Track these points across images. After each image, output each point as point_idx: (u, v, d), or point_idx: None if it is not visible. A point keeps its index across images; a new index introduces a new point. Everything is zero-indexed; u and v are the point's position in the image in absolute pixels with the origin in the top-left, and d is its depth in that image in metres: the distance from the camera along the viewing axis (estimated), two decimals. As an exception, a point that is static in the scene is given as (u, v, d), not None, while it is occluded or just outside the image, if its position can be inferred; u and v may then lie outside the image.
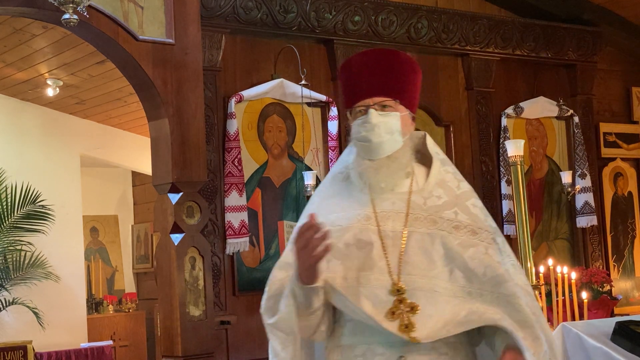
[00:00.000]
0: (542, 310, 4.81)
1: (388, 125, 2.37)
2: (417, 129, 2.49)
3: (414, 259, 2.31)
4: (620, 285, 7.61)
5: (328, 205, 2.42)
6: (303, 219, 2.32)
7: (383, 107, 2.37)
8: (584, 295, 5.13)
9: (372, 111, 2.36)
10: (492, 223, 2.42)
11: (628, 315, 5.81)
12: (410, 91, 2.44)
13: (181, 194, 5.35)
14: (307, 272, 2.22)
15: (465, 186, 2.44)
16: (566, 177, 7.11)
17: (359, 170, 2.41)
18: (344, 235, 2.33)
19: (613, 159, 7.83)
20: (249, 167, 5.96)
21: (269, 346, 2.38)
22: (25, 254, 8.26)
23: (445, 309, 2.26)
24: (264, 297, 2.40)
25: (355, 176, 2.45)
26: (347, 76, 2.45)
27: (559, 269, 5.29)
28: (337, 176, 2.50)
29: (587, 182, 7.32)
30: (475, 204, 2.41)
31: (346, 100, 2.46)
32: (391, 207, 2.37)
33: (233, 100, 5.83)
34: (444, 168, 2.45)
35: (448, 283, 2.30)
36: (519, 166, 4.68)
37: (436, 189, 2.40)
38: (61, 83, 7.96)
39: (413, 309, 2.26)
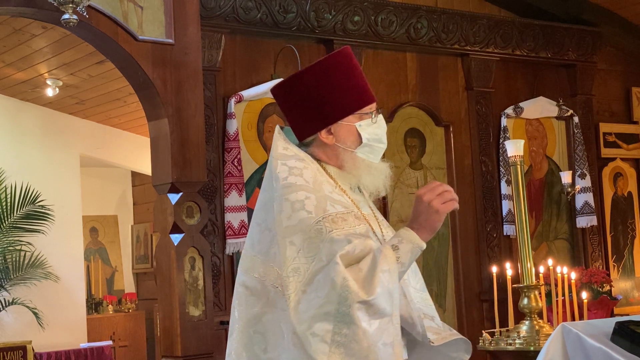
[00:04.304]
0: (543, 310, 4.84)
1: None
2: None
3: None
4: (620, 285, 7.60)
5: (330, 205, 2.24)
6: (304, 212, 2.19)
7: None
8: (584, 295, 5.13)
9: (381, 115, 2.36)
10: None
11: (628, 315, 5.80)
12: None
13: (181, 194, 5.34)
14: (434, 226, 2.18)
15: None
16: (566, 177, 7.11)
17: (356, 174, 2.32)
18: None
19: (613, 159, 7.81)
20: (249, 167, 5.95)
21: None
22: (25, 254, 8.25)
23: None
24: (348, 274, 2.12)
25: (326, 176, 2.32)
26: (348, 76, 2.32)
27: (558, 269, 5.29)
28: (308, 171, 2.28)
29: (587, 182, 7.31)
30: None
31: (352, 101, 2.32)
32: (367, 210, 2.35)
33: (233, 100, 5.82)
34: None
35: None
36: (518, 166, 4.67)
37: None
38: (61, 83, 7.95)
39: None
